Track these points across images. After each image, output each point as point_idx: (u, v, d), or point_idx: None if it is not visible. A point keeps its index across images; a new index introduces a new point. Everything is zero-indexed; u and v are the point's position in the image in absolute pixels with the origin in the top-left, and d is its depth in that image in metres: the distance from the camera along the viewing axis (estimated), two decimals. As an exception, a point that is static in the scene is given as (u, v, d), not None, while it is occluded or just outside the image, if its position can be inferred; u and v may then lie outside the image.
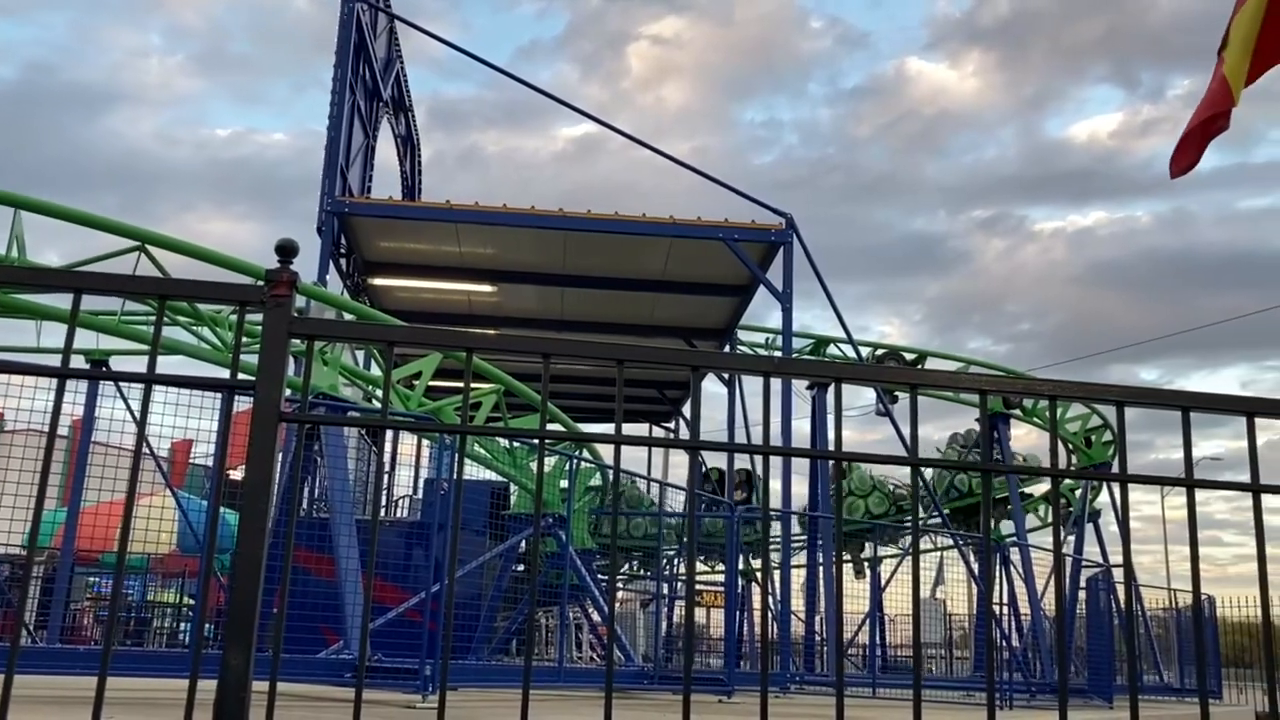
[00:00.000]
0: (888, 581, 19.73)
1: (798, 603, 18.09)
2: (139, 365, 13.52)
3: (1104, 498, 22.61)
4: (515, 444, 10.87)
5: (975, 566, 19.49)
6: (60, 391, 3.01)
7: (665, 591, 13.87)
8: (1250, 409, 2.99)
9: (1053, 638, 20.32)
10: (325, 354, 8.57)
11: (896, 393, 17.82)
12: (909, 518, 22.27)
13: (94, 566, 17.28)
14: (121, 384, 10.70)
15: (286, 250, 3.13)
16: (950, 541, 20.30)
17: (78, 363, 13.81)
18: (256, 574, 2.84)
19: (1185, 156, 4.95)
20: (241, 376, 2.99)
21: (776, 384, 14.85)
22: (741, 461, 21.30)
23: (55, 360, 13.34)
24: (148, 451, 11.07)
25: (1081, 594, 17.60)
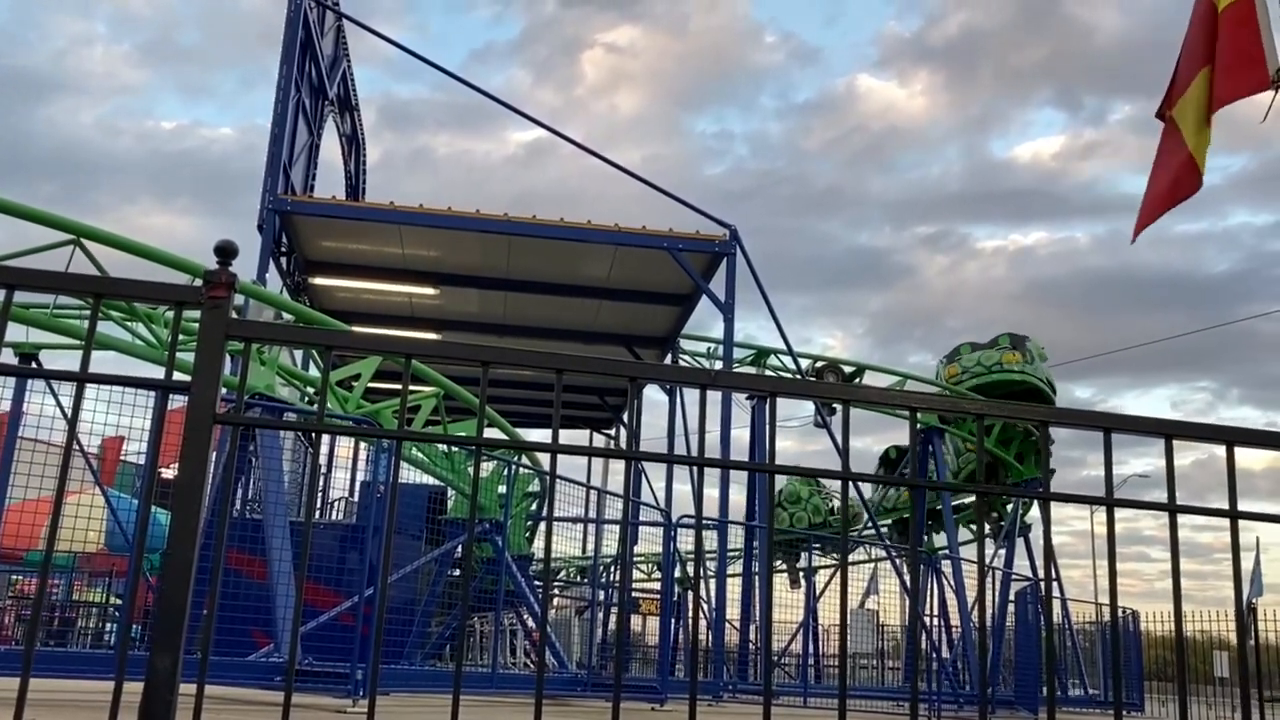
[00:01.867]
0: (822, 591, 19.94)
1: (733, 612, 18.20)
2: (70, 359, 13.28)
3: (1035, 512, 23.05)
4: (453, 449, 10.83)
5: (908, 578, 19.75)
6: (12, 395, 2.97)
7: (600, 599, 13.89)
8: (1169, 431, 3.09)
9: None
10: (263, 354, 8.48)
11: (835, 405, 18.02)
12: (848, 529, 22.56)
13: (18, 565, 16.89)
14: (53, 380, 10.51)
15: (225, 251, 3.12)
16: (884, 553, 20.58)
17: (6, 356, 13.51)
18: (186, 575, 2.82)
19: (1146, 220, 5.10)
20: (177, 377, 2.97)
21: (715, 394, 14.95)
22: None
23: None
24: (78, 449, 10.86)
25: (1011, 607, 17.90)
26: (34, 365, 11.77)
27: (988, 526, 25.96)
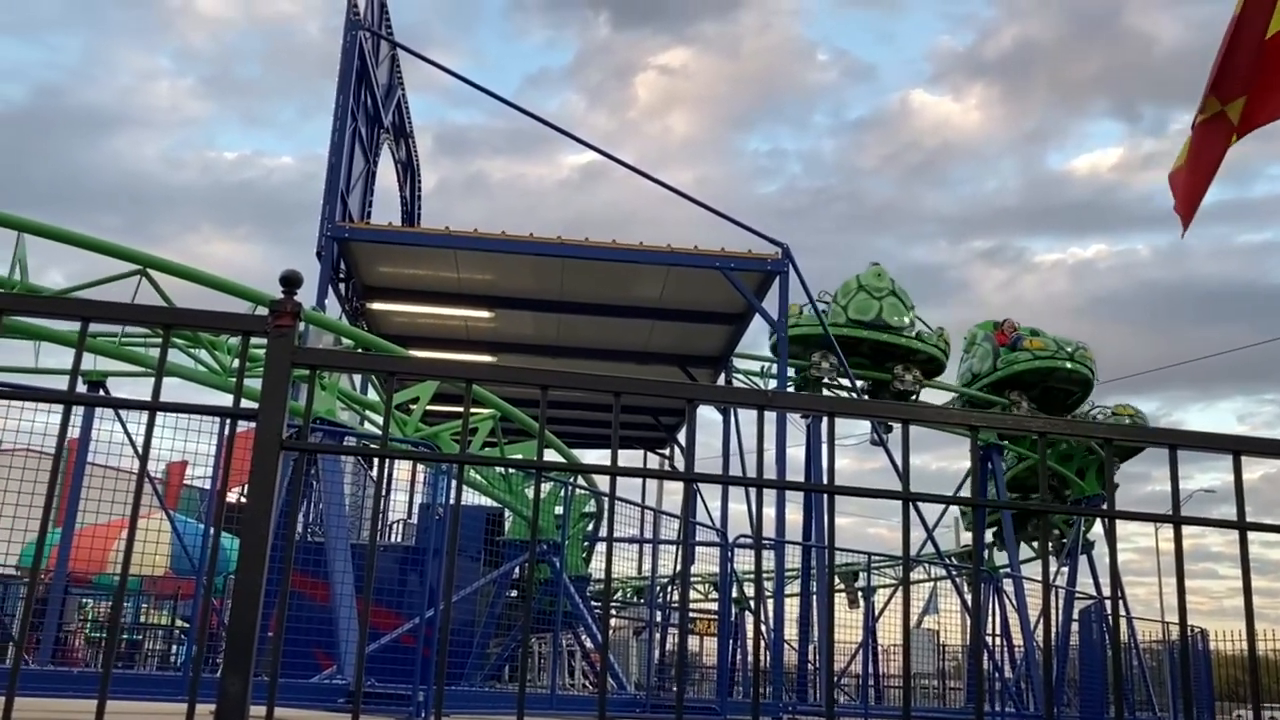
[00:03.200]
0: (881, 611, 19.71)
1: (791, 632, 18.07)
2: (135, 386, 13.59)
3: (1098, 529, 22.64)
4: (510, 470, 10.89)
5: (968, 597, 19.49)
6: (66, 418, 3.06)
7: (658, 619, 13.86)
8: (1237, 447, 3.04)
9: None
10: (323, 379, 8.62)
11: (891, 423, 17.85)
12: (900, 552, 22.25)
13: (87, 588, 17.24)
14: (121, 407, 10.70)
15: (290, 281, 3.19)
16: (943, 572, 20.32)
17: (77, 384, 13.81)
18: (255, 600, 2.87)
19: (1189, 202, 5.01)
20: (244, 404, 3.04)
21: (771, 413, 14.89)
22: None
23: (52, 381, 13.36)
24: (147, 475, 11.07)
25: (1075, 626, 17.58)
26: (101, 392, 12.06)
27: (1050, 542, 25.52)
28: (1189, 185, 4.91)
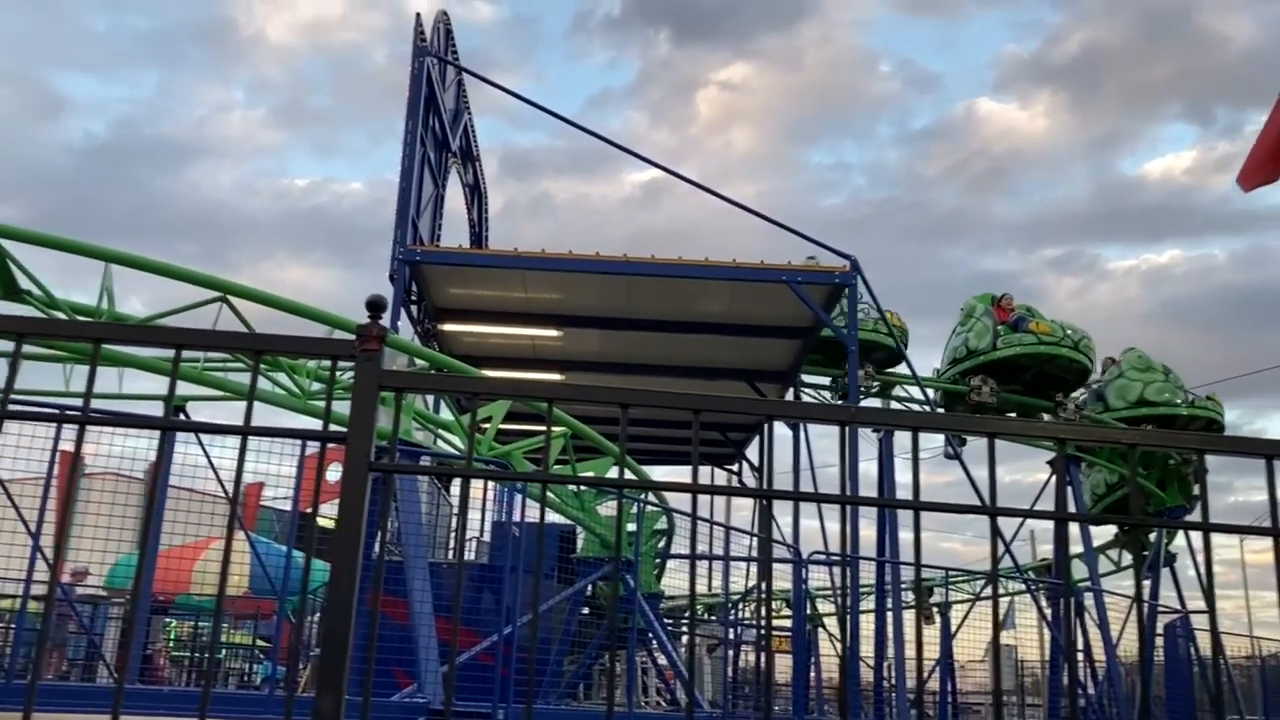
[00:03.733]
0: (958, 628, 19.40)
1: (866, 649, 17.86)
2: (214, 410, 13.89)
3: (1180, 541, 22.07)
4: (582, 488, 10.94)
5: (1047, 611, 19.10)
6: (162, 444, 3.15)
7: (731, 636, 13.80)
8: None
9: (1130, 685, 19.78)
10: (406, 399, 8.72)
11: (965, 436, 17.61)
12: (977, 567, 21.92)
13: (170, 608, 17.62)
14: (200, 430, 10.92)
15: (376, 306, 3.25)
16: (1020, 585, 19.96)
17: (156, 407, 14.22)
18: (347, 620, 2.92)
19: (1260, 173, 4.90)
20: (313, 424, 3.10)
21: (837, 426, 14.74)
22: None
23: (126, 406, 13.71)
24: (228, 498, 11.32)
25: (1159, 641, 17.15)
26: (182, 416, 12.36)
27: (1129, 556, 24.95)
28: (1259, 152, 4.80)
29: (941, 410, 21.00)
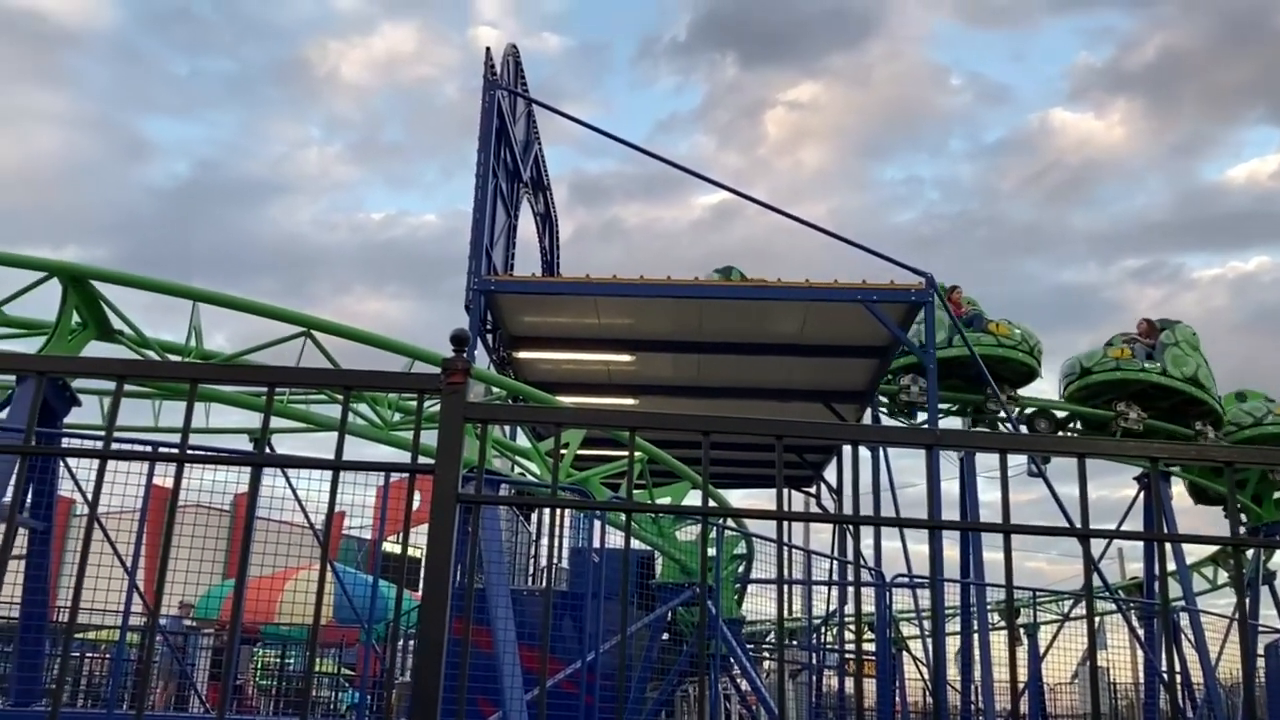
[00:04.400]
0: (1047, 649, 18.95)
1: (952, 672, 17.53)
2: (293, 440, 14.19)
3: (1279, 558, 21.37)
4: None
5: (1140, 631, 18.59)
6: (257, 480, 3.23)
7: (814, 661, 13.65)
8: None
9: (1230, 708, 19.13)
10: (477, 427, 8.82)
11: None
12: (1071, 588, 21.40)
13: (256, 638, 17.94)
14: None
15: (460, 340, 3.31)
16: (1110, 605, 19.46)
17: (239, 439, 14.47)
18: (439, 650, 2.96)
19: None
20: (395, 456, 3.15)
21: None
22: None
23: (220, 439, 14.01)
24: (312, 528, 11.53)
25: (1259, 661, 16.58)
26: (266, 449, 12.62)
27: (1224, 574, 24.18)
28: None
29: (1025, 429, 20.65)
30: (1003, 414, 19.37)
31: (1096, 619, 19.87)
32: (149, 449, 7.78)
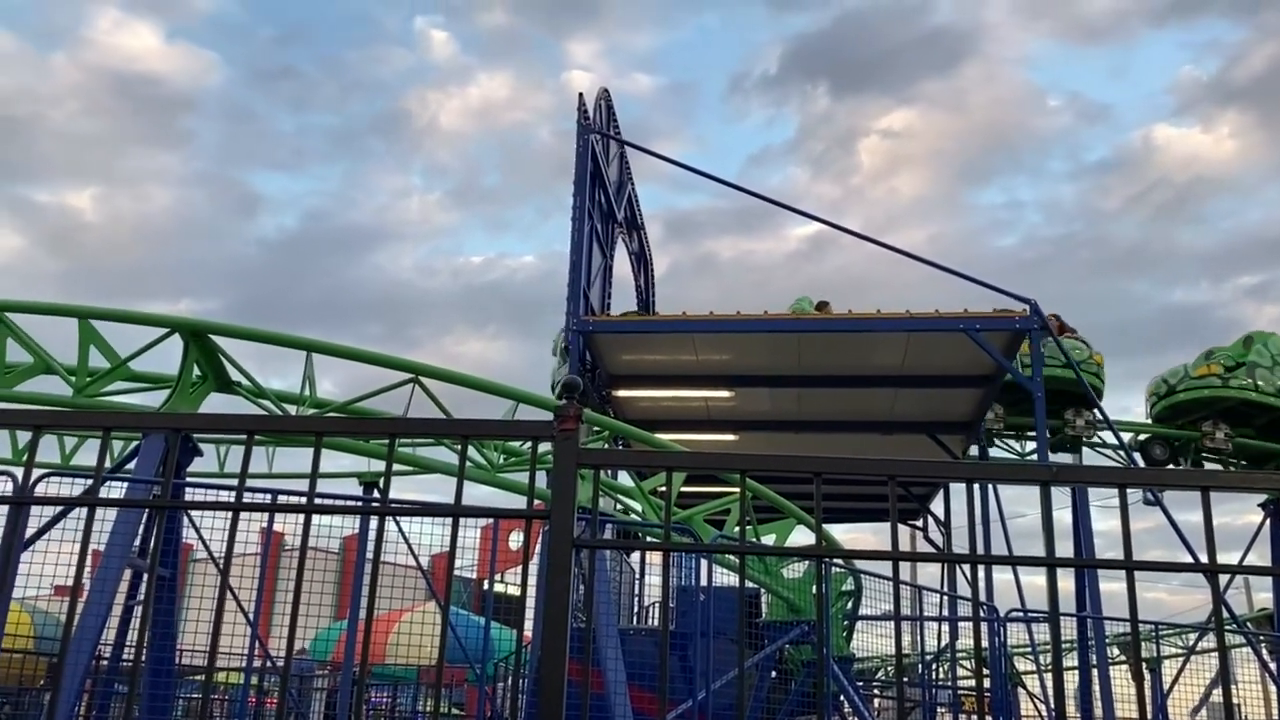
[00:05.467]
0: (1172, 685, 18.23)
1: (1071, 709, 16.96)
2: (396, 483, 14.51)
3: None
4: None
5: (1271, 664, 17.77)
6: (382, 527, 3.34)
7: (928, 699, 13.36)
8: None
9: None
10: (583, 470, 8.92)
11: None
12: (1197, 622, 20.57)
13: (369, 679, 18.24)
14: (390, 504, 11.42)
15: (571, 387, 3.38)
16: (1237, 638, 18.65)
17: (349, 484, 14.76)
18: (559, 697, 3.00)
19: None
20: (503, 501, 3.22)
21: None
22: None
23: (330, 484, 14.33)
24: (420, 570, 11.74)
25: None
26: (375, 493, 12.92)
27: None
28: None
29: (1138, 456, 20.02)
30: (1084, 434, 18.83)
31: (1215, 653, 19.04)
32: (270, 497, 8.07)
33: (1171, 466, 19.99)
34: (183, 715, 14.45)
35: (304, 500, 3.23)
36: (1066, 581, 18.14)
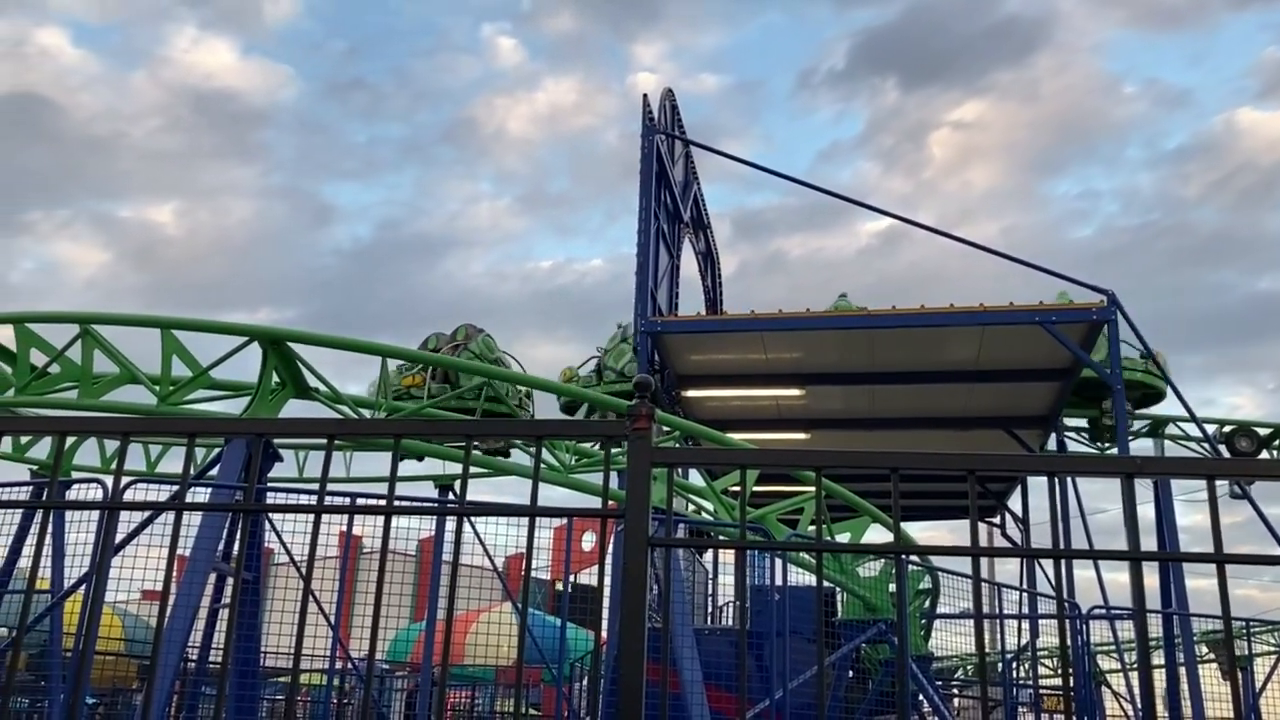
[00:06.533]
0: (1264, 684, 17.69)
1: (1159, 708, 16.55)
2: (473, 487, 14.68)
3: None
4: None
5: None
6: (459, 528, 3.38)
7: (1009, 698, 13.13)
8: None
9: None
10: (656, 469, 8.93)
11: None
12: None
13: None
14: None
15: (644, 387, 3.38)
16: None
17: (424, 486, 14.94)
18: (638, 698, 3.01)
19: None
20: (577, 502, 3.24)
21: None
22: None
23: (405, 487, 14.52)
24: (496, 571, 11.85)
25: None
26: (451, 494, 13.07)
27: None
28: None
29: (1223, 448, 19.48)
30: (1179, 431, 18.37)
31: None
32: (348, 500, 8.22)
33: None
34: (267, 716, 14.75)
35: (384, 502, 3.27)
36: (1151, 578, 17.72)
